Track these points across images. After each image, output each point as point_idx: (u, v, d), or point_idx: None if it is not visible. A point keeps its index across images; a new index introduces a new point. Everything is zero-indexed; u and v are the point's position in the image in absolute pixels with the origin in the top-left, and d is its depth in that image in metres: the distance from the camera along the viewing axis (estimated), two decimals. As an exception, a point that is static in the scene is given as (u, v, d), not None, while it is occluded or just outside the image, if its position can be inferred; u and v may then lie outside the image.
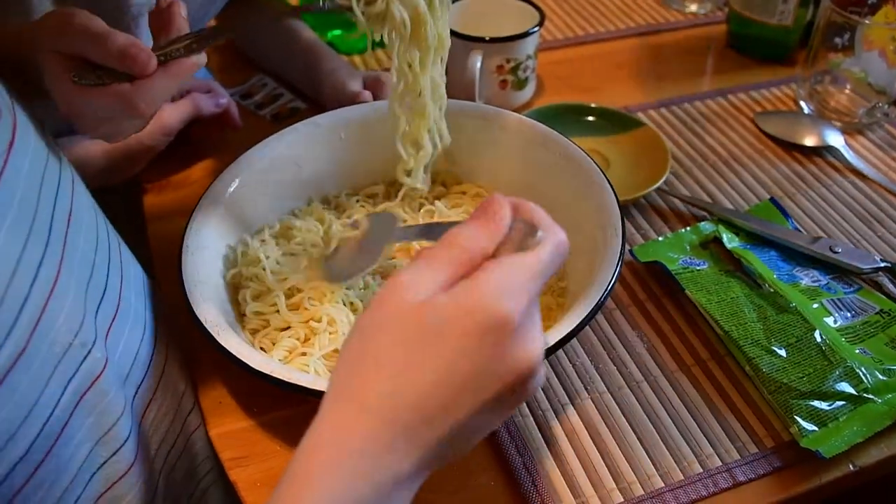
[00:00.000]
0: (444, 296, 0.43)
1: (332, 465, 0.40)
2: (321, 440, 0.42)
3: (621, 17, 1.29)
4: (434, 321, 0.42)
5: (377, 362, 0.42)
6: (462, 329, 0.42)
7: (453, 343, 0.42)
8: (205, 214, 0.72)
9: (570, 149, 0.77)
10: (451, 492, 0.64)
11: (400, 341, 0.42)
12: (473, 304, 0.42)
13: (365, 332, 0.43)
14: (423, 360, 0.42)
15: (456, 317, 0.42)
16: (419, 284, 0.43)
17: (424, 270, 0.44)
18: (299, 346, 0.69)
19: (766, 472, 0.65)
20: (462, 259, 0.44)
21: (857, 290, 0.79)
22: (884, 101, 1.02)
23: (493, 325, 0.42)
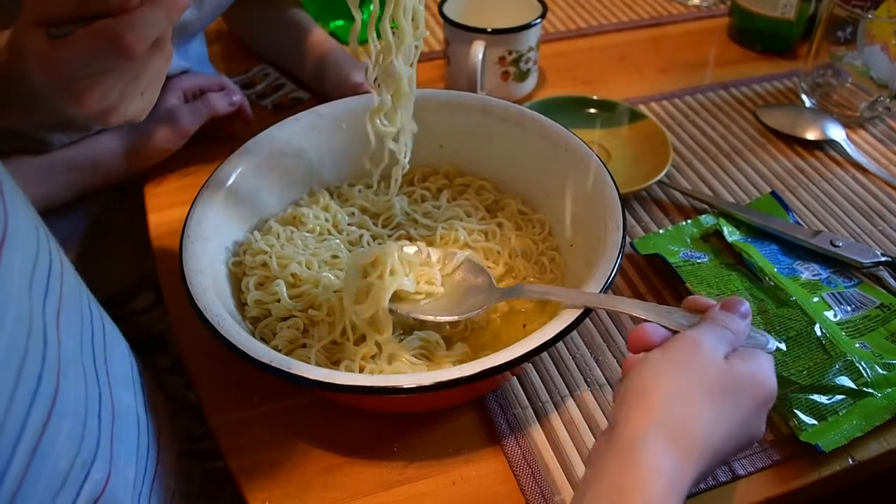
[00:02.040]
0: (742, 362, 0.54)
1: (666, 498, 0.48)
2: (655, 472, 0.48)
3: (623, 10, 1.28)
4: (736, 384, 0.53)
5: (698, 409, 0.52)
6: (753, 395, 0.54)
7: (747, 405, 0.54)
8: (206, 204, 0.72)
9: (571, 141, 0.77)
10: (449, 483, 0.64)
11: (710, 394, 0.52)
12: (763, 378, 0.55)
13: (684, 374, 0.53)
14: (727, 415, 0.52)
15: (751, 385, 0.54)
16: (717, 349, 0.54)
17: (714, 338, 0.55)
18: (300, 336, 0.69)
19: (765, 466, 0.65)
20: (734, 343, 0.56)
21: (857, 284, 0.79)
22: (885, 95, 1.02)
23: (767, 399, 0.55)
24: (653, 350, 0.55)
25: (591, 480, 0.50)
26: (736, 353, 0.55)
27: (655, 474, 0.48)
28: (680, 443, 0.50)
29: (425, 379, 0.58)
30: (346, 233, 0.78)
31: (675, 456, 0.49)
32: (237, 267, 0.73)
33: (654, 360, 0.54)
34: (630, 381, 0.54)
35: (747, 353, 0.55)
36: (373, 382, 0.58)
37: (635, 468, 0.49)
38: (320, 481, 0.65)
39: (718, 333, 0.55)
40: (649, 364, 0.54)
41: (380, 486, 0.64)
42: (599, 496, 0.49)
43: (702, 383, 0.52)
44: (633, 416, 0.51)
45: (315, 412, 0.69)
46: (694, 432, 0.51)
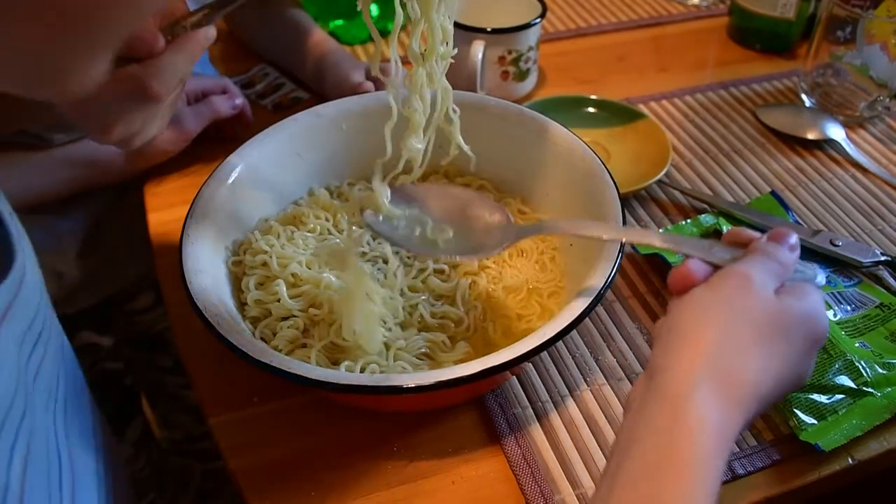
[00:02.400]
0: (794, 300, 0.50)
1: (714, 452, 0.45)
2: (703, 425, 0.45)
3: (623, 10, 1.28)
4: (789, 324, 0.49)
5: (747, 353, 0.48)
6: (805, 337, 0.50)
7: (798, 346, 0.50)
8: (205, 204, 0.72)
9: (571, 140, 0.77)
10: (449, 482, 0.65)
11: (760, 336, 0.48)
12: (816, 316, 0.51)
13: (733, 312, 0.49)
14: (777, 358, 0.49)
15: (804, 323, 0.50)
16: (767, 285, 0.50)
17: (764, 273, 0.51)
18: (300, 336, 0.69)
19: (764, 465, 0.65)
20: (782, 276, 0.52)
21: (857, 284, 0.79)
22: (885, 94, 1.02)
23: (823, 335, 0.51)
24: (697, 287, 0.51)
25: (633, 435, 0.47)
26: (785, 288, 0.51)
27: (705, 428, 0.45)
28: (729, 391, 0.46)
29: (425, 379, 0.58)
30: (346, 232, 0.78)
31: (724, 406, 0.46)
32: (237, 267, 0.73)
33: (699, 299, 0.50)
34: (673, 321, 0.50)
35: (798, 288, 0.51)
36: (373, 382, 0.58)
37: (683, 422, 0.45)
38: (320, 481, 0.65)
39: (768, 267, 0.51)
40: (694, 303, 0.50)
41: (380, 485, 0.64)
42: (645, 453, 0.45)
43: (752, 324, 0.48)
44: (679, 363, 0.47)
45: (315, 412, 0.69)
46: (743, 379, 0.47)
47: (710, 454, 0.44)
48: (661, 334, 0.50)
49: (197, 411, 0.74)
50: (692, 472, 0.43)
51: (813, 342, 0.51)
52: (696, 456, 0.44)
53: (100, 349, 1.17)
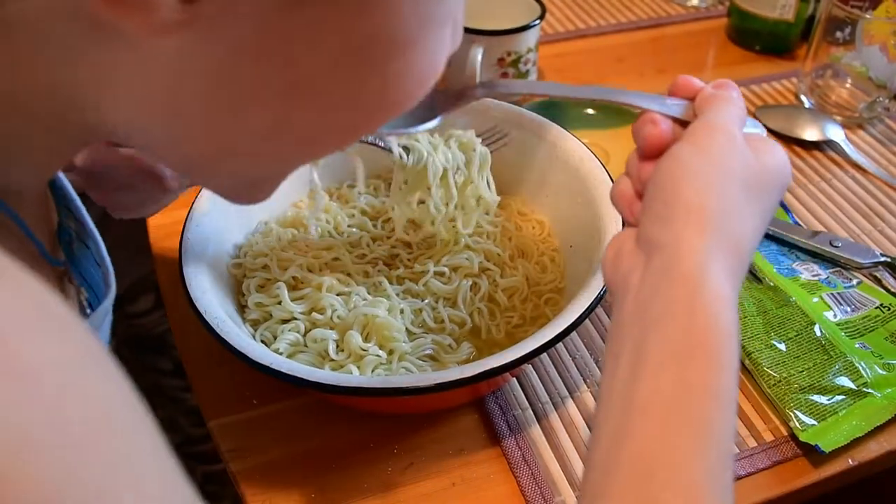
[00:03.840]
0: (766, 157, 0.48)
1: (734, 328, 0.42)
2: (722, 302, 0.42)
3: (622, 11, 1.28)
4: (766, 179, 0.48)
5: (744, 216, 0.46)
6: (777, 185, 0.48)
7: (774, 197, 0.48)
8: (205, 206, 0.72)
9: (570, 142, 0.77)
10: (450, 484, 0.65)
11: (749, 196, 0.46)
12: (786, 170, 0.49)
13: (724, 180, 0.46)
14: (764, 213, 0.48)
15: (779, 180, 0.48)
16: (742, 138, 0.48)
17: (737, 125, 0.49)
18: (301, 339, 0.69)
19: (764, 467, 0.65)
20: (743, 123, 0.50)
21: (856, 285, 0.79)
22: (884, 95, 1.02)
23: (786, 185, 0.49)
24: (679, 146, 0.47)
25: (646, 322, 0.43)
26: (751, 140, 0.48)
27: (724, 304, 0.42)
28: (736, 256, 0.44)
29: (424, 380, 0.58)
30: (346, 234, 0.78)
31: (734, 276, 0.44)
32: (237, 269, 0.73)
33: (689, 161, 0.46)
34: (663, 187, 0.46)
35: (764, 140, 0.49)
36: (372, 384, 0.58)
37: (701, 303, 0.41)
38: (321, 483, 0.65)
39: (737, 116, 0.49)
40: (684, 166, 0.46)
41: (380, 487, 0.64)
42: (665, 340, 0.41)
43: (742, 184, 0.46)
44: (685, 238, 0.43)
45: (315, 414, 0.69)
46: (744, 244, 0.45)
47: (731, 331, 0.42)
48: (651, 202, 0.46)
49: (197, 414, 0.74)
50: (719, 354, 0.41)
51: (782, 193, 0.50)
52: (720, 336, 0.41)
53: (100, 351, 1.17)
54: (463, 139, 0.73)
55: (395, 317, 0.68)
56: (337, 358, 0.67)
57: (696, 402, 0.40)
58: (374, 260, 0.76)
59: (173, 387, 1.29)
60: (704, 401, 0.40)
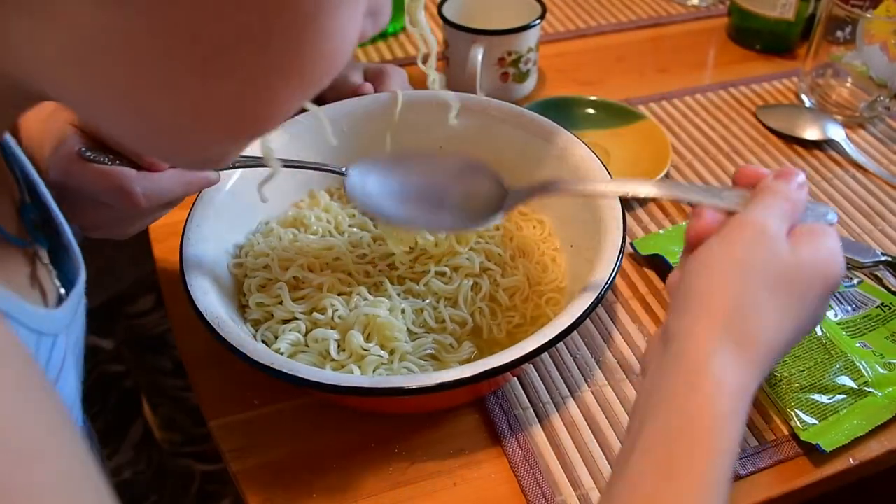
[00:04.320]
0: (811, 250, 0.48)
1: (732, 416, 0.44)
2: (721, 389, 0.45)
3: (623, 10, 1.28)
4: (804, 273, 0.48)
5: (762, 311, 0.47)
6: (821, 285, 0.48)
7: (813, 296, 0.48)
8: (206, 206, 0.72)
9: (571, 141, 0.77)
10: (451, 484, 0.65)
11: (775, 291, 0.47)
12: (831, 260, 0.49)
13: (749, 269, 0.47)
14: (793, 313, 0.47)
15: (821, 270, 0.48)
16: (781, 235, 0.48)
17: (777, 219, 0.49)
18: (302, 339, 0.69)
19: (765, 466, 0.65)
20: (794, 214, 0.50)
21: (857, 284, 0.79)
22: (885, 94, 1.02)
23: (838, 279, 0.49)
24: (711, 240, 0.49)
25: (651, 401, 0.46)
26: (799, 231, 0.49)
27: (723, 392, 0.44)
28: (747, 353, 0.46)
29: (426, 380, 0.58)
30: (347, 234, 0.78)
31: (742, 368, 0.46)
32: (238, 269, 0.73)
33: (713, 256, 0.48)
34: (687, 280, 0.49)
35: (812, 231, 0.49)
36: (373, 384, 0.58)
37: (700, 388, 0.45)
38: (322, 483, 0.65)
39: (779, 208, 0.49)
40: (709, 261, 0.48)
41: (381, 487, 0.64)
42: (663, 419, 0.45)
43: (768, 280, 0.47)
44: (696, 329, 0.46)
45: (316, 414, 0.69)
46: (761, 337, 0.46)
47: (728, 417, 0.44)
48: (676, 295, 0.49)
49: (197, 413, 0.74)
50: (710, 437, 0.44)
51: (831, 287, 0.49)
52: (714, 420, 0.44)
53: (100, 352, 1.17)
54: None
55: (397, 317, 0.69)
56: (338, 358, 0.67)
57: (677, 483, 0.43)
58: (374, 260, 0.76)
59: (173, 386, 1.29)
60: (686, 482, 0.43)
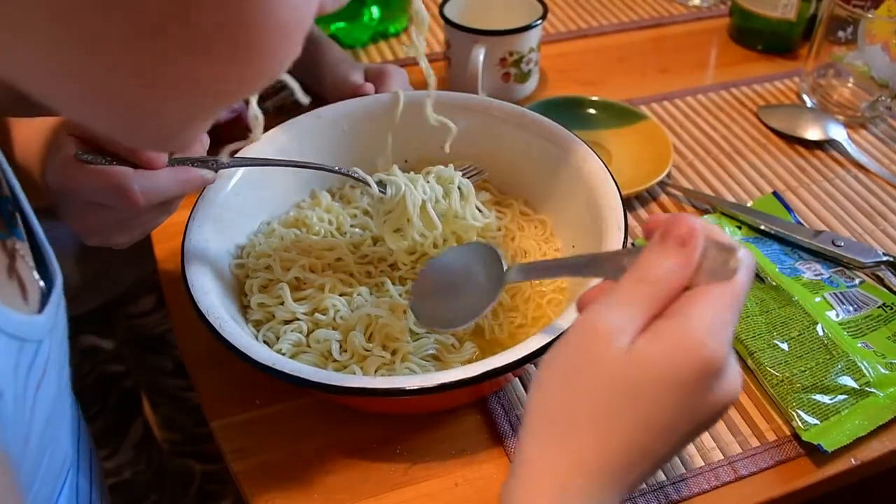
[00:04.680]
0: (648, 344, 0.41)
1: None
2: (541, 493, 0.42)
3: (624, 11, 1.28)
4: (642, 377, 0.41)
5: (590, 416, 0.42)
6: (671, 384, 0.41)
7: (664, 399, 0.41)
8: (208, 206, 0.72)
9: (572, 141, 0.77)
10: (452, 484, 0.64)
11: (609, 394, 0.41)
12: (682, 354, 0.41)
13: (572, 378, 0.43)
14: (634, 415, 0.41)
15: (665, 372, 0.41)
16: (620, 331, 0.42)
17: (621, 312, 0.42)
18: (304, 340, 0.68)
19: (767, 466, 0.65)
20: (659, 297, 0.42)
21: (859, 284, 0.79)
22: (886, 94, 1.02)
23: (701, 374, 0.41)
24: (553, 347, 0.45)
25: None
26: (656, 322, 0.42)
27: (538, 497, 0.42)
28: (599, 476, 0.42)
29: (428, 381, 0.58)
30: (348, 234, 0.78)
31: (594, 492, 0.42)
32: (240, 270, 0.73)
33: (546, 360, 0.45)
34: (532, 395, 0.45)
35: (668, 318, 0.42)
36: (375, 384, 0.58)
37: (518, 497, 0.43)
38: (323, 483, 0.65)
39: (629, 303, 0.42)
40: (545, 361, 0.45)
41: (383, 487, 0.64)
42: None
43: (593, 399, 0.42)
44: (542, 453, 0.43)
45: (317, 414, 0.69)
46: (610, 459, 0.42)
47: None
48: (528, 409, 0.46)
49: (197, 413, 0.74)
50: None
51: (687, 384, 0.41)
52: None
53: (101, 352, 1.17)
54: (442, 174, 0.74)
55: (399, 317, 0.69)
56: (340, 358, 0.67)
57: None
58: (375, 261, 0.76)
59: (174, 386, 1.29)
60: None
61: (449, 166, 0.75)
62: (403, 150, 0.82)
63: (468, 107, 0.83)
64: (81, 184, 0.58)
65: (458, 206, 0.73)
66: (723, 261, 0.42)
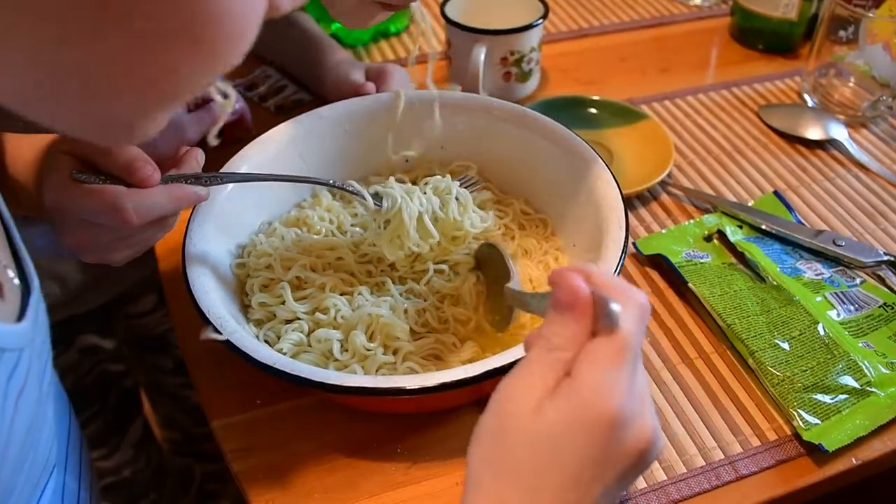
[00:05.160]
0: (553, 407, 0.45)
1: None
2: None
3: (625, 10, 1.28)
4: (550, 432, 0.44)
5: (514, 470, 0.45)
6: (574, 436, 0.44)
7: (573, 450, 0.44)
8: (208, 206, 0.72)
9: (573, 141, 0.77)
10: (453, 483, 0.64)
11: (527, 451, 0.45)
12: (580, 412, 0.44)
13: (495, 437, 0.46)
14: (551, 467, 0.44)
15: (567, 426, 0.44)
16: (530, 395, 0.45)
17: (531, 379, 0.46)
18: (305, 339, 0.68)
19: (768, 466, 0.65)
20: (564, 359, 0.46)
21: (860, 284, 0.79)
22: (887, 94, 1.02)
23: (602, 427, 0.44)
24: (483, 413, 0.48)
25: None
26: (559, 387, 0.45)
27: None
28: None
29: (429, 380, 0.58)
30: (349, 233, 0.78)
31: None
32: (241, 269, 0.73)
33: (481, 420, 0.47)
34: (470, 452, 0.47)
35: (565, 386, 0.45)
36: (376, 384, 0.58)
37: None
38: (324, 483, 0.65)
39: (533, 374, 0.46)
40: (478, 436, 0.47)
41: (383, 487, 0.64)
42: None
43: (529, 454, 0.45)
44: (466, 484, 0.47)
45: (318, 414, 0.69)
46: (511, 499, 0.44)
47: None
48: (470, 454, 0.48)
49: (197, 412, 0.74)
50: None
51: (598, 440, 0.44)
52: None
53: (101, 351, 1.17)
54: (439, 185, 0.74)
55: (399, 316, 0.68)
56: (341, 358, 0.67)
57: None
58: (374, 260, 0.76)
59: (174, 384, 1.29)
60: None
61: (446, 176, 0.75)
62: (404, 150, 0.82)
63: (469, 106, 0.83)
64: (77, 203, 0.58)
65: (455, 215, 0.73)
66: (601, 315, 0.45)
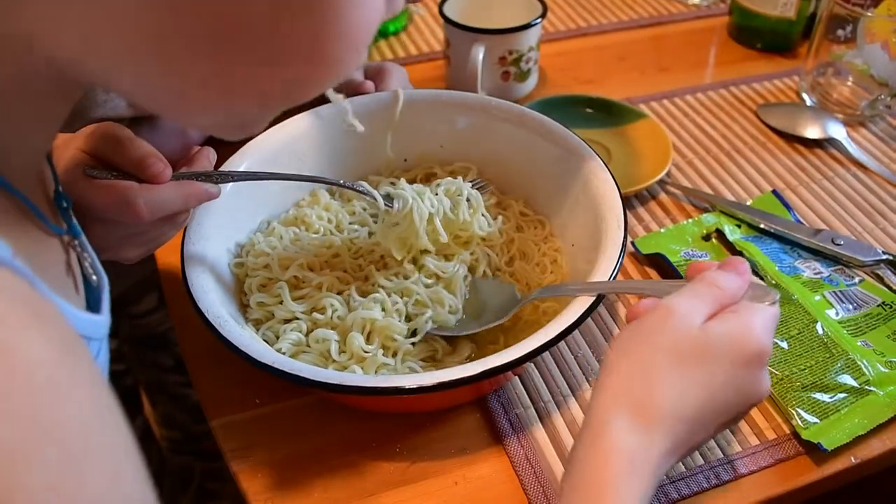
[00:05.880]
0: (717, 325, 0.52)
1: (627, 475, 0.48)
2: (616, 450, 0.49)
3: (624, 9, 1.28)
4: (710, 348, 0.51)
5: (662, 381, 0.51)
6: (733, 358, 0.51)
7: (726, 368, 0.51)
8: (207, 205, 0.72)
9: (572, 140, 0.77)
10: (452, 483, 0.65)
11: (679, 363, 0.51)
12: (744, 337, 0.51)
13: (645, 349, 0.52)
14: (699, 382, 0.51)
15: (730, 347, 0.51)
16: (692, 314, 0.52)
17: (694, 301, 0.53)
18: (303, 339, 0.68)
19: (767, 465, 0.65)
20: (723, 298, 0.53)
21: (858, 283, 0.79)
22: (886, 93, 1.02)
23: (757, 356, 0.52)
24: (627, 327, 0.55)
25: (571, 457, 0.51)
26: (720, 314, 0.53)
27: (617, 453, 0.49)
28: (644, 417, 0.50)
29: (427, 379, 0.58)
30: (347, 232, 0.78)
31: (638, 432, 0.49)
32: (239, 269, 0.73)
33: (622, 336, 0.54)
34: (605, 356, 0.54)
35: (731, 312, 0.53)
36: (375, 383, 0.58)
37: (598, 450, 0.49)
38: (323, 482, 0.65)
39: (699, 296, 0.53)
40: (620, 338, 0.54)
41: (382, 486, 0.64)
42: (571, 476, 0.50)
43: (669, 353, 0.51)
44: (599, 397, 0.52)
45: (317, 413, 0.69)
46: (659, 405, 0.50)
47: (624, 475, 0.48)
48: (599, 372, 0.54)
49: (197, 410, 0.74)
50: (607, 492, 0.48)
51: (744, 362, 0.52)
52: (609, 479, 0.48)
53: (101, 351, 1.17)
54: (450, 187, 0.74)
55: (392, 316, 0.68)
56: (339, 359, 0.67)
57: None
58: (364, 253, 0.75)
59: (174, 383, 1.29)
60: None
61: (458, 178, 0.75)
62: (403, 149, 0.82)
63: (467, 105, 0.83)
64: (90, 199, 0.59)
65: (466, 216, 0.74)
66: (762, 295, 0.55)
